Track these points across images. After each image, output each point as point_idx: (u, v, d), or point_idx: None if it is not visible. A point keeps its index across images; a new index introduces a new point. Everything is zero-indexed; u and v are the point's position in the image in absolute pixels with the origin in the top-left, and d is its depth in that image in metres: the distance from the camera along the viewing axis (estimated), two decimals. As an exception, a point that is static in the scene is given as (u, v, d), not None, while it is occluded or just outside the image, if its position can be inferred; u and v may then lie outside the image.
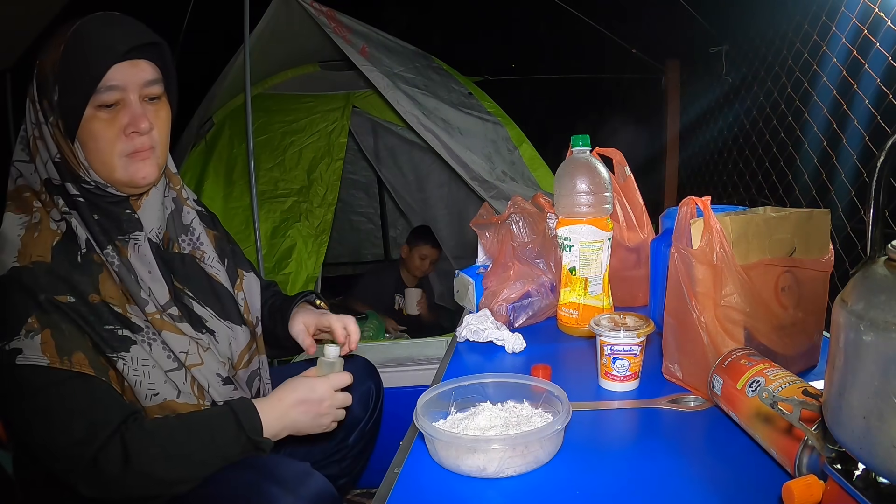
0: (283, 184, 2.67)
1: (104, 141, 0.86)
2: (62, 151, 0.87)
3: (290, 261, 2.50)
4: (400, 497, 0.67)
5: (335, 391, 0.99)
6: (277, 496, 0.84)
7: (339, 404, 0.99)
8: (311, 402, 0.96)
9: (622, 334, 0.90)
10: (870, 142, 1.69)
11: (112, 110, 0.86)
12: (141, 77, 0.87)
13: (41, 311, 0.81)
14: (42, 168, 0.88)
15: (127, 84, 0.86)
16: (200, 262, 1.03)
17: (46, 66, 0.86)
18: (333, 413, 0.99)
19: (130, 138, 0.88)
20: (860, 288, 0.47)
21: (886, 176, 0.50)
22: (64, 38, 0.84)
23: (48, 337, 0.81)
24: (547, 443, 0.70)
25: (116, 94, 0.85)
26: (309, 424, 0.97)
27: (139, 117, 0.87)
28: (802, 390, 0.63)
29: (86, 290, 0.86)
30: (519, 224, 1.27)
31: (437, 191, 3.31)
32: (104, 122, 0.86)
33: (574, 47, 3.87)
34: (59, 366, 0.80)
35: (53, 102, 0.85)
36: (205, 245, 1.04)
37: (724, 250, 0.82)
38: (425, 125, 2.34)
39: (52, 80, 0.84)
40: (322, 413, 0.97)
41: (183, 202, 1.02)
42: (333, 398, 0.98)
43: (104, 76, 0.84)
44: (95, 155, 0.87)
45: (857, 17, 1.72)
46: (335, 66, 2.85)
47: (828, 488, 0.53)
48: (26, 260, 0.84)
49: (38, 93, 0.87)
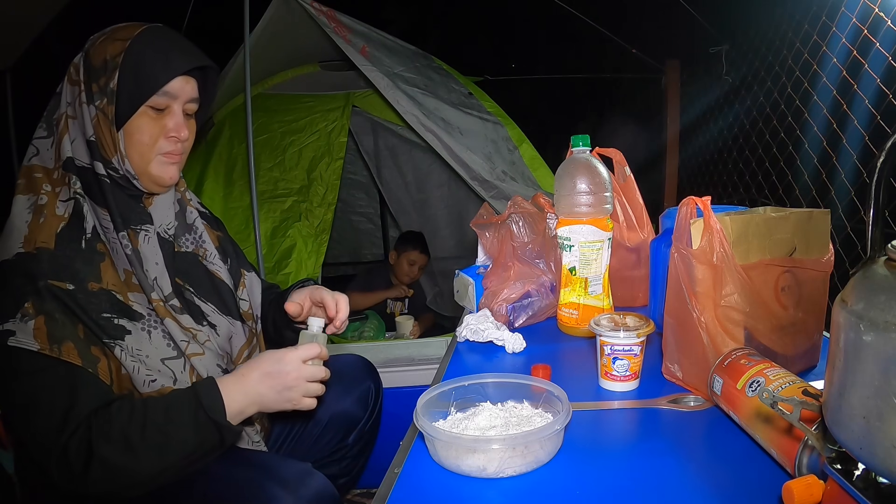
0: (283, 183, 2.67)
1: (149, 136, 0.94)
2: (99, 135, 0.92)
3: (290, 261, 2.50)
4: (400, 497, 0.67)
5: (304, 362, 0.93)
6: (278, 496, 0.84)
7: (309, 377, 0.93)
8: (277, 374, 0.91)
9: (622, 334, 0.90)
10: (870, 142, 1.69)
11: (160, 113, 0.95)
12: (189, 93, 0.97)
13: (38, 298, 0.84)
14: (67, 146, 0.92)
15: (178, 95, 0.96)
16: (203, 260, 1.06)
17: (103, 55, 0.91)
18: (303, 386, 0.93)
19: (170, 141, 0.96)
20: (860, 288, 0.47)
21: (886, 176, 0.50)
22: (129, 35, 0.92)
23: (41, 323, 0.82)
24: (547, 443, 0.70)
25: (168, 100, 0.95)
26: (275, 398, 0.92)
27: (181, 126, 0.97)
28: (802, 390, 0.63)
29: (86, 278, 0.89)
30: (519, 224, 1.27)
31: (437, 191, 3.31)
32: (152, 121, 0.94)
33: (574, 47, 3.87)
34: (48, 352, 0.82)
35: (107, 89, 0.91)
36: (207, 243, 1.08)
37: (724, 250, 0.82)
38: (425, 125, 2.34)
39: (110, 69, 0.91)
40: (289, 385, 0.92)
41: (186, 203, 1.08)
42: (301, 369, 0.92)
43: (166, 83, 0.93)
44: (136, 147, 0.94)
45: (857, 17, 1.72)
46: (335, 66, 2.85)
47: (828, 488, 0.53)
48: (31, 246, 0.87)
49: (86, 75, 0.92)
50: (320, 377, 0.95)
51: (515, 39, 4.64)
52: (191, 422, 0.85)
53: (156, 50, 0.93)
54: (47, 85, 0.99)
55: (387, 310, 2.97)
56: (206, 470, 0.89)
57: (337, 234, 3.87)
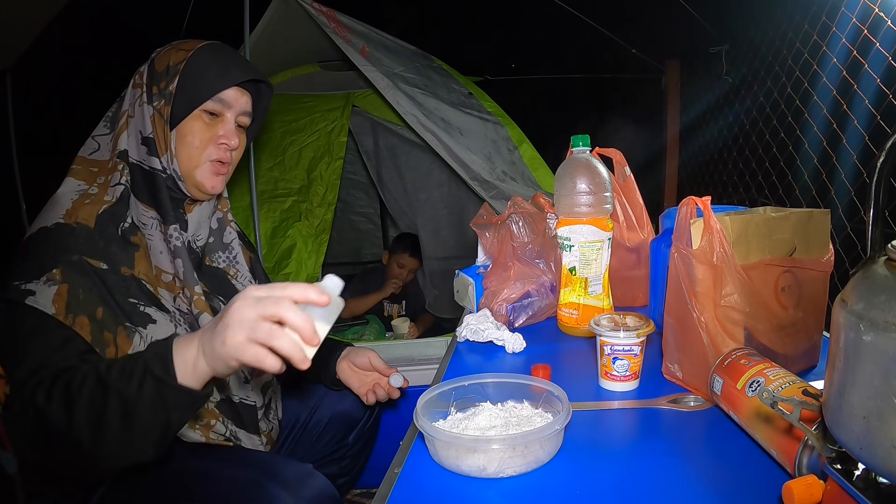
0: (283, 183, 2.67)
1: (200, 139, 0.99)
2: (156, 133, 0.96)
3: (290, 261, 2.50)
4: (400, 497, 0.67)
5: (287, 293, 0.68)
6: (279, 496, 0.84)
7: (270, 314, 0.67)
8: (228, 309, 0.69)
9: (622, 334, 0.90)
10: (870, 142, 1.69)
11: (213, 119, 1.00)
12: (243, 105, 1.03)
13: (68, 268, 0.85)
14: (124, 141, 0.97)
15: (233, 105, 1.01)
16: (232, 279, 1.10)
17: (167, 62, 0.98)
18: (271, 307, 0.66)
19: (220, 148, 1.01)
20: (860, 288, 0.47)
21: (886, 176, 0.50)
22: (193, 47, 0.99)
23: (64, 292, 0.83)
24: (547, 443, 0.70)
25: (222, 107, 1.00)
26: (229, 323, 0.67)
27: (232, 133, 1.01)
28: (802, 390, 0.63)
29: (120, 262, 0.91)
30: (519, 224, 1.27)
31: (437, 191, 3.31)
32: (205, 126, 0.99)
33: (574, 47, 3.87)
34: (61, 319, 0.82)
35: (165, 92, 0.96)
36: (240, 264, 1.12)
37: (724, 250, 0.82)
38: (425, 125, 2.34)
39: (171, 74, 0.96)
40: (237, 319, 0.67)
41: (227, 223, 1.12)
42: (259, 304, 0.67)
43: (222, 91, 0.98)
44: (187, 149, 0.98)
45: (857, 17, 1.72)
46: (335, 66, 2.85)
47: (828, 488, 0.53)
48: (71, 219, 0.90)
49: (148, 79, 0.98)
50: (294, 322, 0.66)
51: (515, 39, 4.64)
52: (135, 371, 0.72)
53: (215, 60, 0.99)
54: (47, 85, 1.00)
55: (384, 312, 2.97)
56: (207, 470, 0.89)
57: (337, 234, 3.87)
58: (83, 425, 0.72)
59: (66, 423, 0.72)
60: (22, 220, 2.99)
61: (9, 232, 3.08)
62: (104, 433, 0.72)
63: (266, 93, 1.10)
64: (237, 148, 1.03)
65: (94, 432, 0.72)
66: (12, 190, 2.96)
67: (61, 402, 0.73)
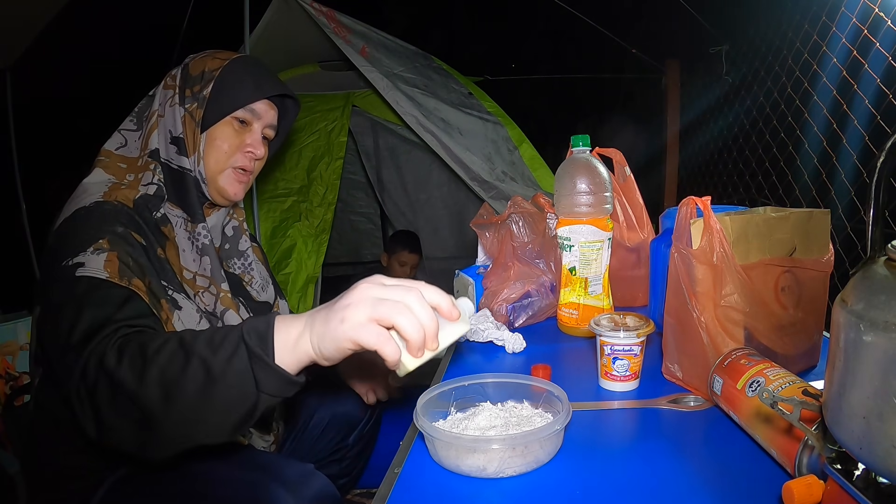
0: (283, 183, 2.67)
1: (228, 144, 1.02)
2: (185, 134, 0.99)
3: (290, 261, 2.50)
4: (400, 497, 0.67)
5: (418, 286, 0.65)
6: (280, 496, 0.84)
7: (413, 300, 0.63)
8: (362, 284, 0.65)
9: (622, 334, 0.90)
10: (870, 142, 1.69)
11: (242, 127, 1.04)
12: (270, 118, 1.07)
13: (115, 237, 0.85)
14: (154, 139, 0.99)
15: (262, 116, 1.05)
16: (247, 286, 1.13)
17: (202, 67, 1.02)
18: (401, 292, 0.63)
19: (245, 156, 1.04)
20: (860, 288, 0.47)
21: (886, 176, 0.50)
22: (229, 57, 1.04)
23: (114, 258, 0.82)
24: (547, 443, 0.70)
25: (252, 117, 1.04)
26: (352, 301, 0.63)
27: (259, 143, 1.05)
28: (802, 390, 0.63)
29: (156, 243, 0.94)
30: (519, 224, 1.27)
31: (437, 191, 3.31)
32: (234, 132, 1.03)
33: (574, 47, 3.87)
34: (116, 281, 0.80)
35: (199, 96, 1.00)
36: (254, 271, 1.15)
37: (724, 250, 0.82)
38: (425, 126, 2.34)
39: (206, 80, 1.00)
40: (376, 287, 0.64)
41: (242, 231, 1.15)
42: (402, 282, 0.65)
43: (254, 102, 1.03)
44: (215, 153, 1.01)
45: (857, 17, 1.72)
46: (335, 66, 2.85)
47: (828, 488, 0.53)
48: (111, 198, 0.91)
49: (182, 81, 1.01)
50: (421, 314, 0.62)
51: (515, 39, 4.64)
52: (222, 342, 0.65)
53: (250, 73, 1.04)
54: (47, 85, 1.00)
55: None
56: (208, 470, 0.89)
57: (337, 234, 3.87)
58: (154, 385, 0.63)
59: (137, 384, 0.64)
60: (22, 219, 2.99)
61: (9, 232, 3.08)
62: (177, 399, 0.63)
63: (292, 109, 1.14)
64: (261, 158, 1.06)
65: (165, 396, 0.63)
66: (12, 189, 2.96)
67: (134, 363, 0.65)
